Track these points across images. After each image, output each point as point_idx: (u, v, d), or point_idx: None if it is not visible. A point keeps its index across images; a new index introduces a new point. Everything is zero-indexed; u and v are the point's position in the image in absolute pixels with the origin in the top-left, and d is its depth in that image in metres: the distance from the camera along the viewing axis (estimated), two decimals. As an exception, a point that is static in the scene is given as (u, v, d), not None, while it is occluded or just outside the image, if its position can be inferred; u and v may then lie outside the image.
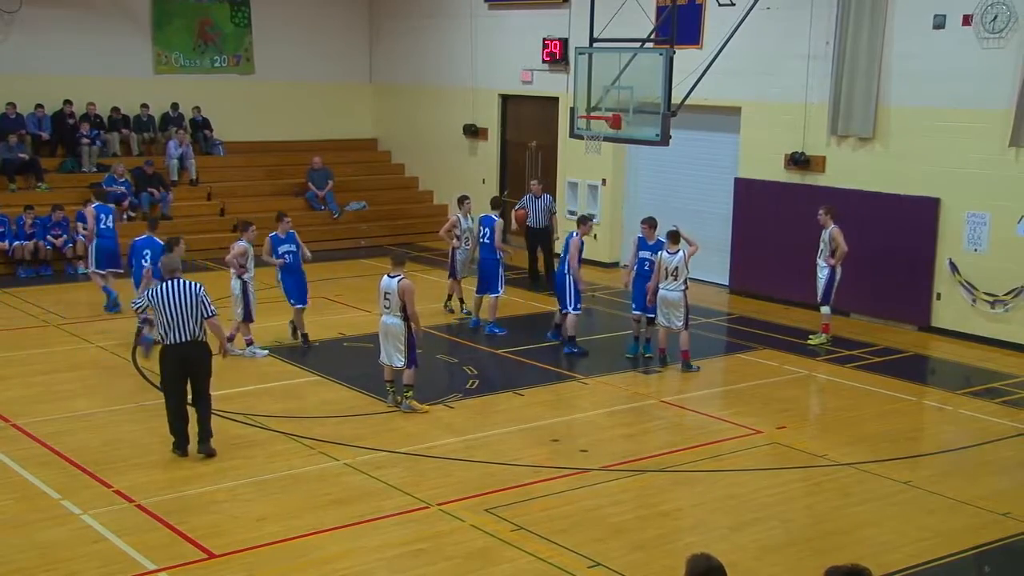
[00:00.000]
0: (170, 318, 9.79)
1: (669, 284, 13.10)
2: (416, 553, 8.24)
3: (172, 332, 9.83)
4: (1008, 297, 14.59)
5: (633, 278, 13.78)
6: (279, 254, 13.97)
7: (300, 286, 14.09)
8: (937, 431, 11.93)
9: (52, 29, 20.85)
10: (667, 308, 13.16)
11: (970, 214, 14.90)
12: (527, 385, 12.67)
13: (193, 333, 9.86)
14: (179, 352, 9.85)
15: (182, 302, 9.81)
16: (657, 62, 14.08)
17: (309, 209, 22.18)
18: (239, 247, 13.47)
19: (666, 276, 13.13)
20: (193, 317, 9.83)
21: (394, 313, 11.29)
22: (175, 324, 9.80)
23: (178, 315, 9.79)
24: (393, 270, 11.43)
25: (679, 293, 13.10)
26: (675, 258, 13.07)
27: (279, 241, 14.00)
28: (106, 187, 19.91)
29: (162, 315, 9.82)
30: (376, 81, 24.69)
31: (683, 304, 13.13)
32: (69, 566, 7.95)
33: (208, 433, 10.11)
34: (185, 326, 9.81)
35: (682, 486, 9.81)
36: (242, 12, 23.01)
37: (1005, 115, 14.33)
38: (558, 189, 20.78)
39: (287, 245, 14.01)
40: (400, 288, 11.19)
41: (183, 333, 9.82)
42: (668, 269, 13.09)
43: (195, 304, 9.84)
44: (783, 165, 16.93)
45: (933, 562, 8.31)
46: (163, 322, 9.84)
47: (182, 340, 9.83)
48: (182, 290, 9.85)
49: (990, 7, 14.47)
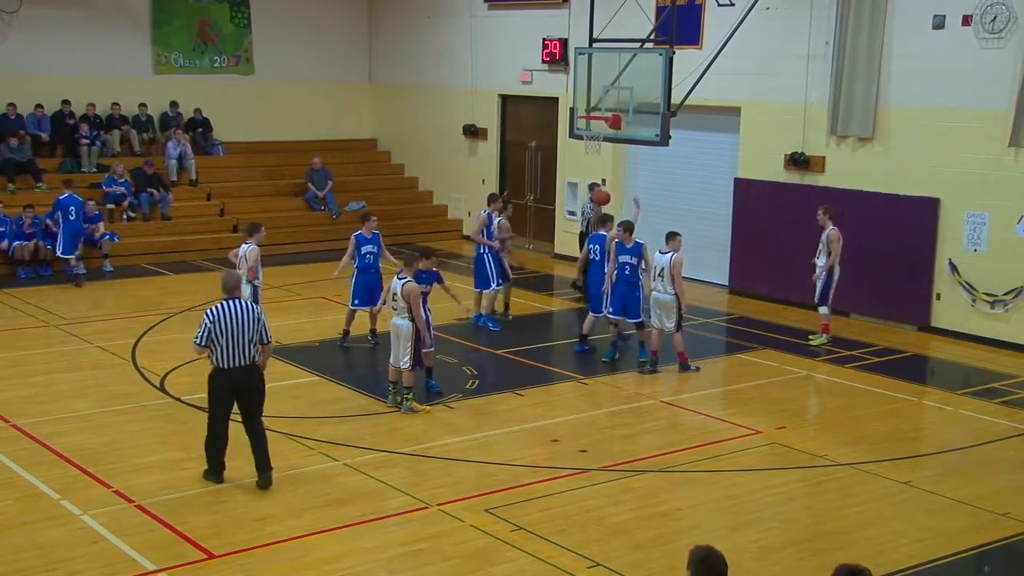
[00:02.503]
0: (227, 340, 9.16)
1: (659, 285, 13.06)
2: (416, 553, 8.24)
3: (227, 355, 9.19)
4: (1008, 297, 14.59)
5: (613, 283, 13.41)
6: (362, 254, 13.83)
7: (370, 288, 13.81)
8: (937, 431, 11.93)
9: (52, 29, 20.85)
10: (660, 310, 13.13)
11: (970, 214, 14.91)
12: (527, 385, 12.67)
13: (250, 357, 9.28)
14: (232, 377, 9.24)
15: (243, 325, 9.21)
16: (657, 62, 14.09)
17: (309, 209, 22.18)
18: (254, 252, 13.15)
19: (655, 277, 13.09)
20: (251, 341, 9.25)
21: (402, 315, 11.32)
22: (232, 347, 9.17)
23: (236, 338, 9.18)
24: (403, 271, 11.47)
25: (671, 295, 13.05)
26: (664, 258, 13.02)
27: (364, 241, 13.89)
28: (106, 188, 19.97)
29: (218, 336, 9.16)
30: (376, 81, 24.69)
31: (675, 306, 13.07)
32: (69, 566, 7.95)
33: (267, 463, 9.43)
34: (242, 350, 9.21)
35: (682, 486, 9.81)
36: (242, 12, 23.02)
37: (1004, 115, 14.33)
38: (558, 189, 20.79)
39: (369, 246, 13.89)
40: (405, 291, 11.22)
41: (240, 357, 9.22)
42: (657, 269, 13.06)
43: (255, 329, 9.27)
44: (783, 165, 16.93)
45: (933, 562, 8.31)
46: (219, 343, 9.17)
47: (237, 364, 9.22)
48: (242, 312, 9.26)
49: (989, 7, 14.48)
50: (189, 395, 11.94)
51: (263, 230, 13.59)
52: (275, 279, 17.54)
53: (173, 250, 20.08)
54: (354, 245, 13.93)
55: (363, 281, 13.91)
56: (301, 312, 16.19)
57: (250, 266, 13.11)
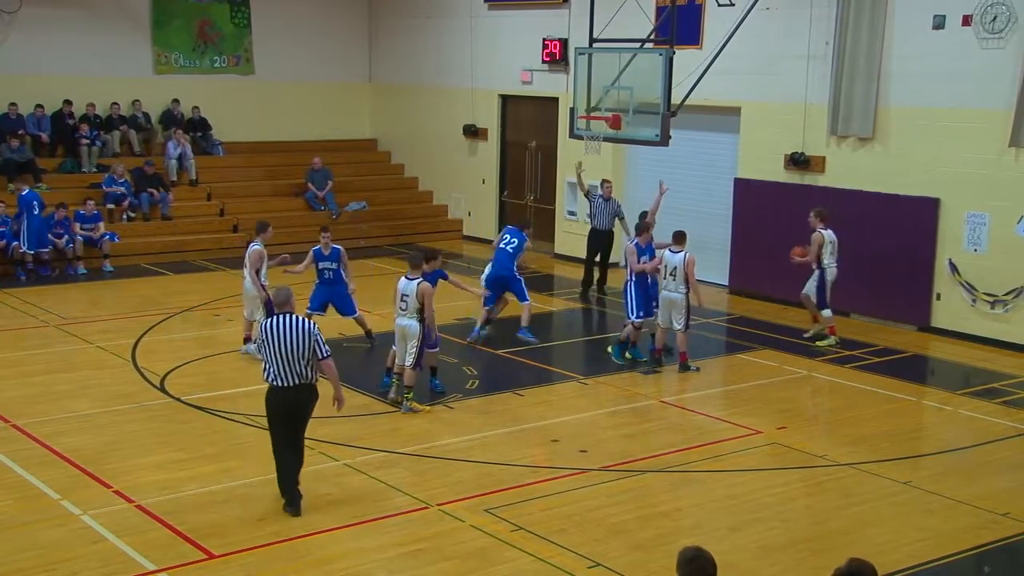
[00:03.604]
0: (277, 357, 8.66)
1: (670, 284, 13.08)
2: (416, 553, 8.24)
3: (278, 373, 8.70)
4: (1008, 297, 14.59)
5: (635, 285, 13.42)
6: (320, 270, 13.66)
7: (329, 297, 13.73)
8: (937, 431, 11.93)
9: (52, 29, 20.84)
10: (670, 309, 13.13)
11: (970, 214, 14.91)
12: (527, 385, 12.67)
13: (303, 375, 8.71)
14: (284, 396, 8.74)
15: (293, 341, 8.65)
16: (657, 62, 14.09)
17: (309, 209, 22.17)
18: (255, 252, 13.03)
19: (665, 275, 13.11)
20: (304, 358, 8.68)
21: (410, 315, 11.34)
22: (282, 365, 8.66)
23: (286, 355, 8.64)
24: (411, 272, 11.51)
25: (681, 295, 13.07)
26: (676, 257, 13.06)
27: (320, 256, 13.67)
28: (106, 187, 19.96)
29: (269, 353, 8.70)
30: (376, 81, 24.69)
31: (685, 305, 13.10)
32: (69, 566, 7.95)
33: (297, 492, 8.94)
34: (293, 368, 8.66)
35: (682, 486, 9.81)
36: (242, 12, 23.01)
37: (1005, 115, 14.33)
38: (558, 189, 20.80)
39: (327, 262, 13.67)
40: (420, 291, 11.27)
41: (291, 376, 8.68)
42: (668, 268, 13.07)
43: (307, 345, 8.67)
44: (783, 165, 16.93)
45: (933, 562, 8.32)
46: (270, 361, 8.71)
47: (289, 383, 8.70)
48: (294, 327, 8.69)
49: (990, 7, 14.47)
50: (189, 395, 11.95)
51: (270, 229, 13.40)
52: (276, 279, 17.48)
53: (173, 250, 20.08)
54: (311, 259, 13.70)
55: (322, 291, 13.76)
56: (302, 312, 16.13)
57: (272, 264, 12.91)
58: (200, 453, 10.29)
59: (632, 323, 13.48)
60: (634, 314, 13.41)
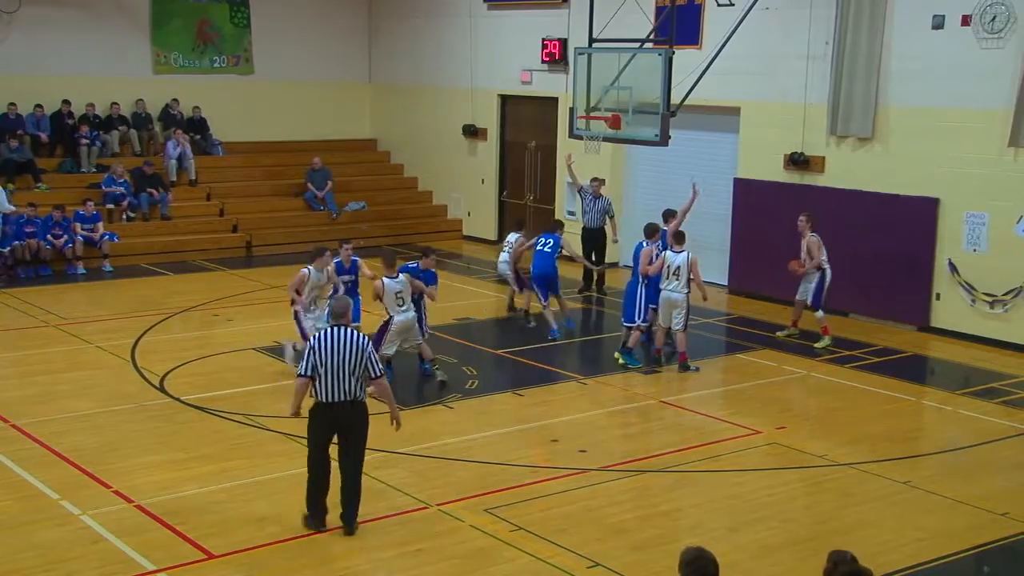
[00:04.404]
0: (328, 371, 8.27)
1: (672, 284, 13.08)
2: (415, 553, 8.24)
3: (326, 388, 8.31)
4: (1007, 297, 14.59)
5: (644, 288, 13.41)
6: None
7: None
8: (936, 431, 11.94)
9: (51, 29, 20.83)
10: (671, 309, 13.13)
11: (969, 214, 14.91)
12: (527, 385, 12.67)
13: (351, 392, 8.33)
14: (331, 413, 8.38)
15: (344, 355, 8.27)
16: (656, 62, 14.08)
17: (308, 209, 22.17)
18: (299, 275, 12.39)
19: (668, 276, 13.11)
20: (354, 374, 8.30)
21: (409, 309, 12.26)
22: (331, 380, 8.28)
23: (336, 369, 8.27)
24: (387, 272, 12.07)
25: (682, 294, 13.08)
26: (679, 257, 13.06)
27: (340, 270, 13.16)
28: (105, 188, 19.95)
29: (320, 367, 8.31)
30: (375, 81, 24.69)
31: (686, 305, 13.11)
32: (68, 566, 7.95)
33: (354, 510, 8.55)
34: (343, 383, 8.29)
35: (682, 486, 9.81)
36: (241, 12, 23.00)
37: (1004, 115, 14.33)
38: (557, 189, 20.79)
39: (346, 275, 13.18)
40: (410, 280, 12.32)
41: (339, 391, 8.31)
42: (671, 268, 13.07)
43: (359, 360, 8.31)
44: (782, 165, 16.93)
45: (932, 562, 8.32)
46: (321, 374, 8.31)
47: (338, 399, 8.33)
48: (346, 341, 8.33)
49: (989, 7, 14.48)
50: (188, 395, 11.95)
51: (327, 255, 12.50)
52: (275, 279, 17.52)
53: (173, 250, 20.06)
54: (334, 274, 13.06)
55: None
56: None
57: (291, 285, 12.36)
58: (199, 453, 10.29)
59: (639, 327, 13.47)
60: (639, 317, 13.42)
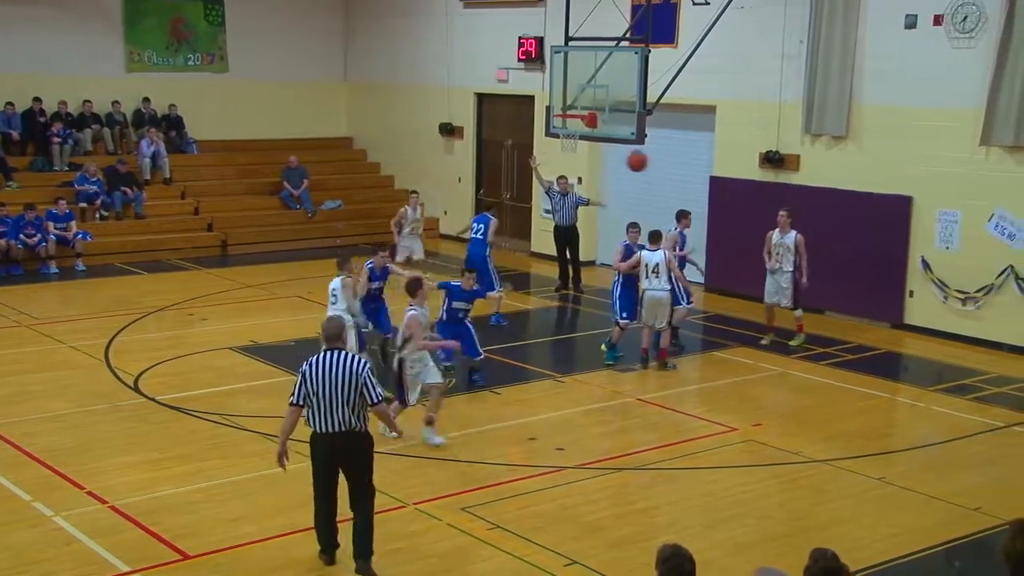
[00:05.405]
0: (320, 399, 7.66)
1: (654, 283, 13.10)
2: (393, 552, 8.22)
3: (321, 418, 7.70)
4: (979, 294, 14.72)
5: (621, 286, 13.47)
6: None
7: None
8: (910, 427, 12.04)
9: (23, 26, 20.63)
10: (654, 308, 13.15)
11: (941, 212, 15.03)
12: (504, 384, 12.67)
13: (347, 422, 7.68)
14: (329, 444, 7.76)
15: (337, 382, 7.64)
16: (632, 61, 14.11)
17: (284, 208, 22.08)
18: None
19: (647, 275, 13.13)
20: (349, 402, 7.65)
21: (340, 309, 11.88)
22: (325, 408, 7.67)
23: (330, 397, 7.64)
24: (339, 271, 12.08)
25: (666, 292, 13.11)
26: (656, 255, 13.09)
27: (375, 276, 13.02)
28: (78, 186, 19.79)
29: (312, 394, 7.70)
30: (351, 80, 24.61)
31: (670, 304, 13.15)
32: (42, 568, 7.89)
33: (367, 549, 7.90)
34: (337, 412, 7.66)
35: (658, 484, 9.84)
36: (216, 10, 22.86)
37: (976, 114, 14.45)
38: (534, 188, 20.77)
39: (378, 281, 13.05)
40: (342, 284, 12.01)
41: (334, 421, 7.68)
42: (649, 267, 13.10)
43: (354, 387, 7.65)
44: (758, 163, 17.01)
45: (905, 557, 8.39)
46: (313, 402, 7.72)
47: (334, 430, 7.70)
48: (339, 366, 7.67)
49: (960, 7, 14.60)
50: (163, 395, 11.88)
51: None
52: (250, 278, 17.46)
53: (147, 249, 19.92)
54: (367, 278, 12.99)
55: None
56: (278, 311, 16.11)
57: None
58: (174, 453, 10.23)
59: (618, 323, 13.51)
60: (618, 314, 13.46)
